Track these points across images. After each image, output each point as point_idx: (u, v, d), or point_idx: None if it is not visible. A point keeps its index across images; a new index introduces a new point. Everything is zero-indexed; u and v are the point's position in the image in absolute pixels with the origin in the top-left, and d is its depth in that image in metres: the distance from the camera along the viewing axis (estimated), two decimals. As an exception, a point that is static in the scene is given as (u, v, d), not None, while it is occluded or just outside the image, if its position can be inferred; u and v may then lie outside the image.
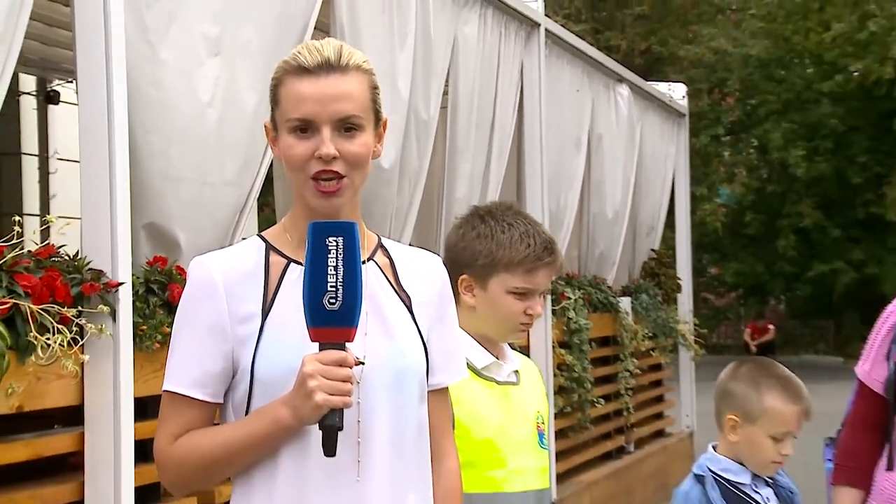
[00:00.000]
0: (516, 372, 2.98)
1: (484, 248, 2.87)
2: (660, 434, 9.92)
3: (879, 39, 20.46)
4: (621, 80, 8.98)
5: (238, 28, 4.23)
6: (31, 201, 8.19)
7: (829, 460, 3.36)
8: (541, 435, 2.95)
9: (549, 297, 6.60)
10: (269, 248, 2.22)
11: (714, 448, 3.17)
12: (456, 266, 2.88)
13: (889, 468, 3.19)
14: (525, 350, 5.87)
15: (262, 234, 2.27)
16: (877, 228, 23.23)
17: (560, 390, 7.31)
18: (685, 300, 10.44)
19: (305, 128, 2.16)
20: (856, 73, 21.61)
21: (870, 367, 3.26)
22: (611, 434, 8.65)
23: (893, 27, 20.22)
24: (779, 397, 3.06)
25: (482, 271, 2.87)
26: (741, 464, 3.10)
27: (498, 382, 2.89)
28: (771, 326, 22.68)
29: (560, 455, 7.23)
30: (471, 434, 2.77)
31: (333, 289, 2.01)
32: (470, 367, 2.77)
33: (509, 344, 3.05)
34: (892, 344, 3.22)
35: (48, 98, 8.14)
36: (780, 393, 3.07)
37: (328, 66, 2.17)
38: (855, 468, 3.27)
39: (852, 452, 3.29)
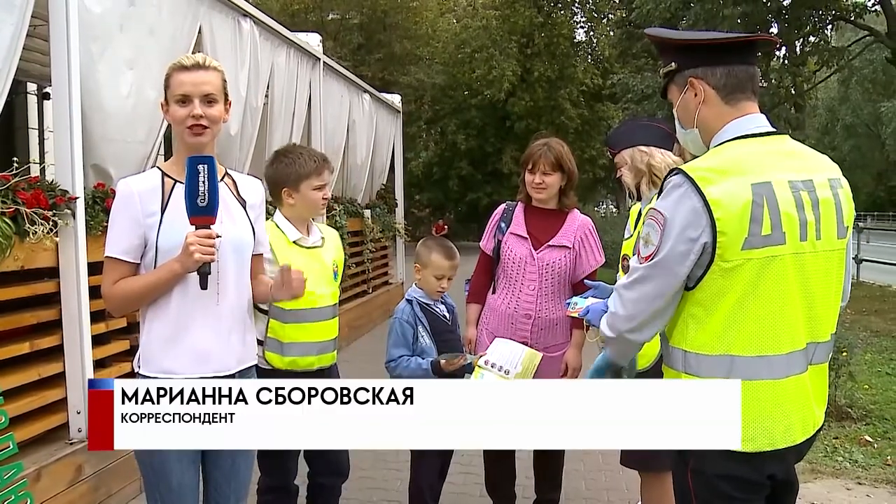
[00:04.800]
0: (323, 238, 2.92)
1: (291, 171, 2.82)
2: (386, 283, 10.06)
3: (497, 80, 21.75)
4: (366, 91, 8.93)
5: (144, 54, 4.03)
6: (34, 154, 8.01)
7: (467, 290, 3.42)
8: (335, 273, 2.91)
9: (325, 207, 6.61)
10: (164, 174, 2.18)
11: (416, 285, 3.17)
12: (277, 186, 2.85)
13: (493, 292, 3.31)
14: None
15: (159, 166, 2.23)
16: (498, 175, 23.94)
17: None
18: (400, 212, 10.52)
19: (185, 100, 2.12)
20: (487, 95, 22.26)
21: (486, 242, 3.33)
22: (360, 283, 8.75)
23: (503, 75, 21.67)
24: (439, 255, 3.10)
25: (294, 184, 2.82)
26: (425, 291, 3.15)
27: (305, 247, 2.85)
28: (446, 227, 23.14)
29: (332, 293, 7.30)
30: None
31: (203, 194, 2.01)
32: (288, 239, 2.81)
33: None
34: (496, 230, 3.31)
35: (44, 96, 7.86)
36: (440, 253, 3.11)
37: (198, 66, 2.14)
38: (478, 293, 3.36)
39: (477, 285, 3.37)
